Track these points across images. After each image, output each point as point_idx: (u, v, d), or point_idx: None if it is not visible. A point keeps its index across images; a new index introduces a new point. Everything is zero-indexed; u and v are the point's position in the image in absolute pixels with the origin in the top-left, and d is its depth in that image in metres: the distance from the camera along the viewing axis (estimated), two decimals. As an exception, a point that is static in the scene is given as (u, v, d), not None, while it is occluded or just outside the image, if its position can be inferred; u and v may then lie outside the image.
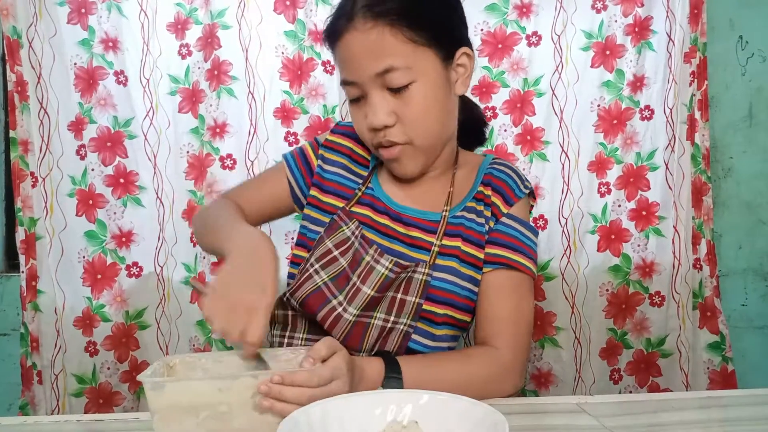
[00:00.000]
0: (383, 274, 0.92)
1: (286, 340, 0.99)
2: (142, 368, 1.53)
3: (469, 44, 0.96)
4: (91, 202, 1.50)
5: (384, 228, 0.98)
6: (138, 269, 1.53)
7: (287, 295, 0.96)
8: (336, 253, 0.95)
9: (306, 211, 1.04)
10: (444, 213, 0.97)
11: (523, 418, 0.83)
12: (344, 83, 0.94)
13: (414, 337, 0.94)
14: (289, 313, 0.99)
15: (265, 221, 1.13)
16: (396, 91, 0.89)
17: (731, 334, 1.55)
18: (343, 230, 0.97)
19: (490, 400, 0.90)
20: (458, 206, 0.99)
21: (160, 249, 1.53)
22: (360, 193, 1.01)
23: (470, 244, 0.96)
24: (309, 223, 1.02)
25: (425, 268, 0.93)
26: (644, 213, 1.54)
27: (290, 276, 1.04)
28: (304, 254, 1.01)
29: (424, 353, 0.94)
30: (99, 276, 1.50)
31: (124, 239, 1.52)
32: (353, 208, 1.00)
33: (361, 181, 1.03)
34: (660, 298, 1.55)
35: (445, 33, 0.93)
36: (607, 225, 1.55)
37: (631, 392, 1.55)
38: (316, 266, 0.95)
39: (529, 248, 0.97)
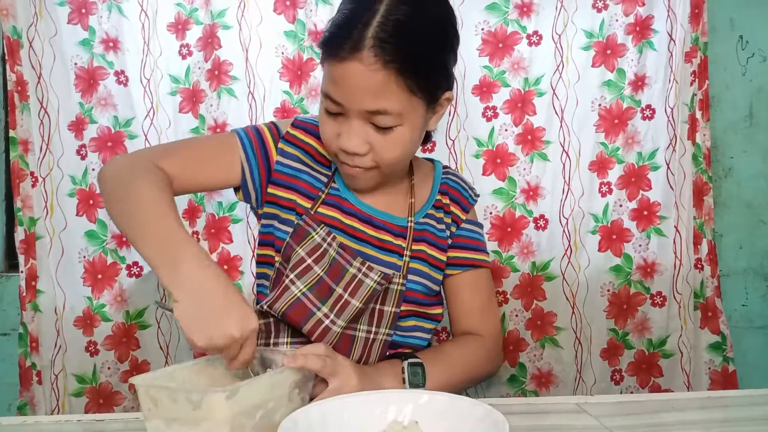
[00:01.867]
0: (371, 287, 0.93)
1: (271, 346, 0.99)
2: (142, 368, 1.53)
3: (451, 86, 0.97)
4: (91, 201, 1.49)
5: (352, 230, 0.99)
6: (138, 269, 1.53)
7: (265, 306, 0.95)
8: (309, 261, 0.94)
9: (267, 209, 1.02)
10: (409, 223, 1.02)
11: (523, 418, 0.83)
12: (328, 97, 0.90)
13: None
14: (271, 320, 0.99)
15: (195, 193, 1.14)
16: (380, 127, 0.89)
17: (732, 335, 1.54)
18: (313, 236, 0.96)
19: (489, 400, 0.92)
20: (420, 213, 1.04)
21: (161, 249, 1.53)
22: (324, 195, 1.00)
23: (434, 248, 1.05)
24: (270, 220, 1.01)
25: (400, 278, 0.98)
26: (645, 213, 1.54)
27: (259, 276, 1.04)
28: (271, 252, 1.00)
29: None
30: (99, 276, 1.50)
31: (124, 239, 1.52)
32: (319, 210, 0.99)
33: (325, 180, 1.02)
34: (661, 299, 1.54)
35: (440, 81, 0.94)
36: (608, 225, 1.54)
37: (632, 393, 1.55)
38: (291, 276, 0.93)
39: (484, 243, 1.13)
